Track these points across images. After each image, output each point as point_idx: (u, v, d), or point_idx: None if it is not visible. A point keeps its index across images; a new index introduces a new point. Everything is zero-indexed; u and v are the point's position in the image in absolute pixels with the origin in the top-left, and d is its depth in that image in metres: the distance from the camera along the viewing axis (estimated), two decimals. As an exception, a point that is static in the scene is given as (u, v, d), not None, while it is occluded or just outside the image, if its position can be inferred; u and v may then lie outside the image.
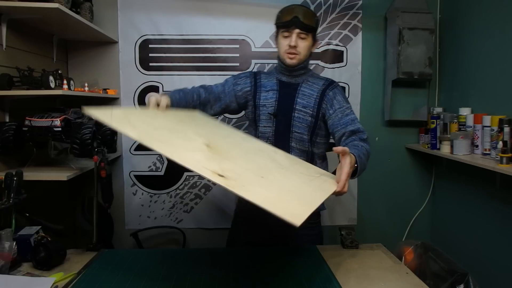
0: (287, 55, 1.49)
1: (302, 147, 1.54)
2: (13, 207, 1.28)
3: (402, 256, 1.71)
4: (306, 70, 1.59)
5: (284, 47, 1.49)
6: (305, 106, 1.52)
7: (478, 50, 2.08)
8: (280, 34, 1.51)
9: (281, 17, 1.50)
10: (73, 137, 1.66)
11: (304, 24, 1.45)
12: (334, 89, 1.56)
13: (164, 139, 0.98)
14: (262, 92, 1.56)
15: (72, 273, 1.20)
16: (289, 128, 1.52)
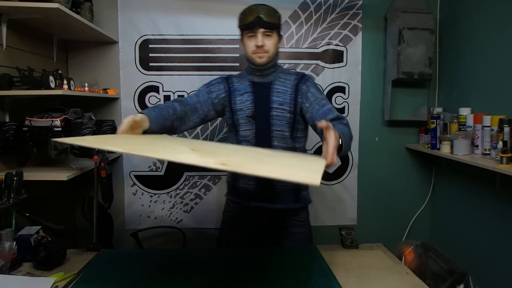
0: (256, 55, 1.49)
1: (284, 145, 1.54)
2: (13, 207, 1.28)
3: (402, 256, 1.71)
4: (276, 67, 1.59)
5: (251, 48, 1.49)
6: (282, 103, 1.52)
7: (478, 50, 2.08)
8: (245, 35, 1.51)
9: (243, 19, 1.50)
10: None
11: (268, 22, 1.46)
12: (307, 82, 1.55)
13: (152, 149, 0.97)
14: (237, 96, 1.55)
15: (72, 273, 1.20)
16: (269, 127, 1.52)
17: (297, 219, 1.62)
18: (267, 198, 1.56)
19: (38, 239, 1.30)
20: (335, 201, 2.53)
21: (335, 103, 2.46)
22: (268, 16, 1.47)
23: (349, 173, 2.52)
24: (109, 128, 2.14)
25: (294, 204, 1.59)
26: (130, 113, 2.40)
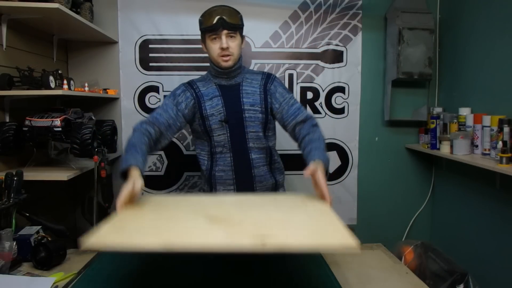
0: (221, 58, 1.46)
1: (259, 145, 1.53)
2: (13, 207, 1.28)
3: (402, 256, 1.72)
4: (241, 68, 1.56)
5: (216, 51, 1.46)
6: (253, 104, 1.51)
7: (478, 50, 2.08)
8: (207, 38, 1.47)
9: (205, 21, 1.46)
10: (73, 137, 1.66)
11: (231, 24, 1.43)
12: (274, 82, 1.55)
13: (175, 230, 0.94)
14: (206, 102, 1.50)
15: (72, 273, 1.20)
16: (243, 129, 1.50)
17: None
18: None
19: (38, 239, 1.30)
20: (335, 201, 2.50)
21: (335, 103, 2.46)
22: (230, 17, 1.43)
23: (349, 173, 2.52)
24: (109, 128, 2.14)
25: None
26: (130, 113, 2.43)
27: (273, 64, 2.41)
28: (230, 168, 1.53)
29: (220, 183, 1.55)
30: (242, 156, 1.52)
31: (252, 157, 1.53)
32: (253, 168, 1.53)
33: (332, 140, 2.49)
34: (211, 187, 1.59)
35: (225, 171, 1.54)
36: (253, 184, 1.54)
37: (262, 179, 1.55)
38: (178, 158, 2.43)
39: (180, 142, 2.43)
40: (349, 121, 2.48)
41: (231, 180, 1.54)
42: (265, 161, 1.56)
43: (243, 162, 1.52)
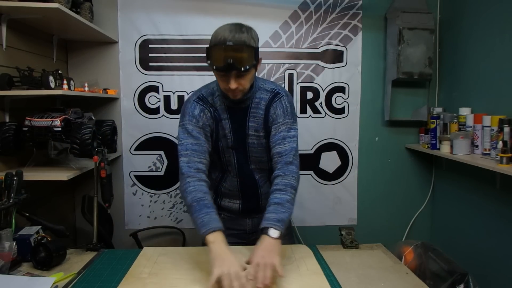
0: (230, 93, 1.31)
1: (262, 167, 1.51)
2: (13, 207, 1.28)
3: (402, 256, 1.71)
4: (254, 89, 1.40)
5: (223, 85, 1.29)
6: (257, 129, 1.43)
7: (478, 50, 2.08)
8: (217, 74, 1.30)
9: (211, 57, 1.25)
10: (73, 137, 1.66)
11: (241, 68, 1.22)
12: (276, 102, 1.40)
13: None
14: (219, 122, 1.39)
15: (72, 273, 1.20)
16: (246, 154, 1.46)
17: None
18: (252, 211, 1.55)
19: (38, 239, 1.30)
20: (335, 201, 2.53)
21: (335, 103, 2.46)
22: (241, 62, 1.21)
23: (349, 173, 2.52)
24: (109, 128, 2.14)
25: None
26: (129, 113, 2.44)
27: (273, 64, 2.41)
28: (236, 189, 1.53)
29: (226, 196, 1.56)
30: (248, 178, 1.51)
31: (256, 177, 1.51)
32: (259, 187, 1.52)
33: (332, 140, 2.49)
34: (217, 197, 1.58)
35: (231, 190, 1.53)
36: (259, 200, 1.53)
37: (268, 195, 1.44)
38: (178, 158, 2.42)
39: (180, 142, 2.42)
40: (349, 121, 2.48)
41: (237, 197, 1.54)
42: (267, 179, 1.52)
43: (249, 184, 1.51)
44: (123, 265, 1.24)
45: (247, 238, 1.60)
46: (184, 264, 1.24)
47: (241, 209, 1.55)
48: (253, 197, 1.53)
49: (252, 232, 1.59)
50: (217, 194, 1.58)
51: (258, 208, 1.53)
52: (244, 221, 1.58)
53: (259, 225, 1.50)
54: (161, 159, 2.43)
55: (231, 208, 1.56)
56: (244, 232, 1.59)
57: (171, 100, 2.39)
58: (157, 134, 2.41)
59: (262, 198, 1.53)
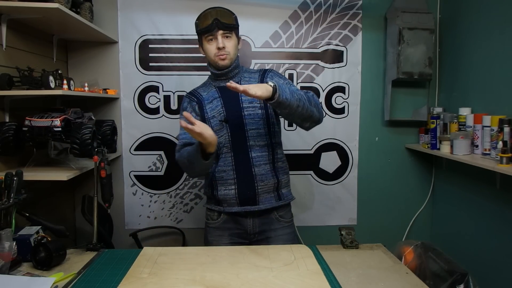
0: (218, 57, 1.51)
1: (260, 142, 1.53)
2: (13, 207, 1.28)
3: (402, 256, 1.71)
4: (239, 68, 1.60)
5: (212, 51, 1.51)
6: (251, 101, 1.51)
7: (478, 50, 2.08)
8: (204, 40, 1.52)
9: (200, 24, 1.50)
10: (73, 137, 1.66)
11: (226, 24, 1.47)
12: (270, 73, 1.58)
13: None
14: (207, 105, 1.55)
15: (72, 273, 1.20)
16: (243, 127, 1.51)
17: (284, 220, 1.63)
18: (249, 201, 1.55)
19: (38, 239, 1.30)
20: (335, 201, 2.53)
21: (335, 103, 2.46)
22: (225, 18, 1.48)
23: (349, 173, 2.52)
24: (109, 128, 2.14)
25: (276, 202, 1.58)
26: (130, 113, 2.44)
27: (273, 64, 2.41)
28: (231, 168, 1.53)
29: (221, 184, 1.55)
30: (243, 155, 1.52)
31: (252, 155, 1.52)
32: (254, 166, 1.53)
33: (332, 140, 2.49)
34: (212, 189, 1.58)
35: (225, 171, 1.54)
36: (254, 183, 1.53)
37: (263, 178, 1.54)
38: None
39: (180, 142, 2.43)
40: (349, 121, 2.48)
41: (232, 179, 1.54)
42: (267, 159, 1.55)
43: (244, 161, 1.52)
44: (123, 265, 1.24)
45: (249, 238, 1.61)
46: (184, 264, 1.24)
47: (238, 197, 1.53)
48: (247, 178, 1.53)
49: (253, 233, 1.60)
50: (212, 185, 1.58)
51: (254, 197, 1.53)
52: (245, 221, 1.58)
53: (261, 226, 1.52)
54: (161, 159, 2.43)
55: (227, 196, 1.55)
56: (246, 232, 1.60)
57: (171, 100, 2.39)
58: (157, 134, 2.41)
59: (257, 180, 1.53)
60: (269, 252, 1.35)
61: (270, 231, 1.60)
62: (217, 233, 1.62)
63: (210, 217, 1.64)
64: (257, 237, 1.61)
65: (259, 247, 1.40)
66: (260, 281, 1.13)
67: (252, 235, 1.60)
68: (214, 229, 1.63)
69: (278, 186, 1.59)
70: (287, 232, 1.63)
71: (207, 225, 1.67)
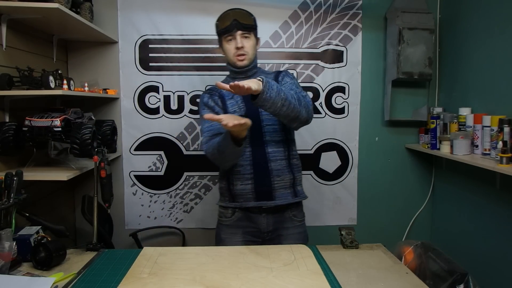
0: (237, 57, 1.55)
1: (277, 138, 1.56)
2: (13, 207, 1.28)
3: (402, 256, 1.71)
4: (257, 68, 1.64)
5: (232, 51, 1.55)
6: None
7: (478, 50, 2.08)
8: (224, 40, 1.56)
9: (220, 24, 1.55)
10: (73, 137, 1.66)
11: (245, 24, 1.52)
12: (282, 73, 1.63)
13: None
14: (227, 101, 1.59)
15: (72, 273, 1.20)
16: (260, 123, 1.55)
17: (297, 219, 1.64)
18: (266, 196, 1.56)
19: (38, 239, 1.30)
20: (335, 201, 2.52)
21: (335, 103, 2.46)
22: (244, 19, 1.53)
23: (349, 173, 2.52)
24: (109, 128, 2.14)
25: (292, 198, 1.60)
26: (130, 113, 2.45)
27: (273, 64, 2.41)
28: (248, 163, 1.55)
29: (238, 178, 1.57)
30: (259, 150, 1.55)
31: (268, 150, 1.55)
32: (270, 161, 1.55)
33: (332, 140, 2.49)
34: (229, 183, 1.60)
35: (243, 166, 1.55)
36: (270, 178, 1.55)
37: (280, 173, 1.56)
38: (178, 158, 2.43)
39: (180, 142, 2.43)
40: (349, 121, 2.48)
41: (249, 174, 1.55)
42: (282, 155, 1.57)
43: (260, 156, 1.55)
44: (123, 265, 1.24)
45: (262, 237, 1.62)
46: (184, 264, 1.24)
47: (255, 192, 1.55)
48: (264, 172, 1.55)
49: (267, 231, 1.61)
50: (229, 180, 1.59)
51: (270, 192, 1.55)
52: (259, 219, 1.60)
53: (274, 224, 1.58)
54: (161, 159, 2.43)
55: (244, 191, 1.56)
56: (259, 230, 1.61)
57: (171, 100, 2.39)
58: (157, 134, 2.41)
59: (273, 175, 1.55)
60: (269, 252, 1.35)
61: (282, 229, 1.62)
62: (230, 231, 1.63)
63: (224, 214, 1.65)
64: (270, 236, 1.62)
65: (259, 247, 1.40)
66: (260, 281, 1.13)
67: (266, 233, 1.61)
68: (227, 226, 1.64)
69: (294, 182, 1.61)
70: (299, 231, 1.64)
71: (219, 222, 1.68)
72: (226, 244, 1.61)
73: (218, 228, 1.68)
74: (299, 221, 1.65)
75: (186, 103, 2.39)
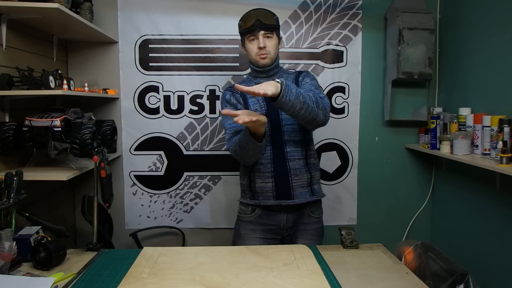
0: (259, 57, 1.57)
1: (295, 138, 1.58)
2: (13, 207, 1.28)
3: (402, 256, 1.71)
4: (279, 68, 1.68)
5: (254, 51, 1.58)
6: None
7: (478, 50, 2.08)
8: (246, 40, 1.60)
9: (243, 25, 1.58)
10: (73, 137, 1.66)
11: (267, 24, 1.55)
12: (303, 73, 1.66)
13: None
14: (249, 99, 1.61)
15: (72, 273, 1.20)
16: (279, 122, 1.57)
17: (314, 215, 1.68)
18: (285, 194, 1.59)
19: (38, 239, 1.30)
20: (335, 201, 2.52)
21: (335, 103, 2.46)
22: (266, 19, 1.55)
23: (349, 173, 2.52)
24: (109, 128, 2.14)
25: (310, 197, 1.63)
26: (130, 113, 2.45)
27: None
28: (269, 161, 1.58)
29: (259, 176, 1.59)
30: (279, 149, 1.57)
31: (287, 150, 1.58)
32: (288, 161, 1.57)
33: (332, 140, 2.49)
34: (250, 181, 1.63)
35: (263, 164, 1.58)
36: (288, 177, 1.58)
37: (298, 172, 1.59)
38: (178, 158, 2.43)
39: (180, 142, 2.43)
40: (349, 121, 2.48)
41: (269, 172, 1.58)
42: (300, 154, 1.60)
43: (280, 155, 1.57)
44: (123, 265, 1.24)
45: (281, 234, 1.65)
46: (184, 264, 1.24)
47: (275, 190, 1.57)
48: (283, 172, 1.58)
49: (286, 228, 1.64)
50: (250, 177, 1.63)
51: (289, 191, 1.58)
52: (279, 216, 1.62)
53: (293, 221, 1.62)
54: (161, 159, 2.43)
55: (264, 189, 1.59)
56: (279, 228, 1.64)
57: (171, 100, 2.39)
58: (157, 134, 2.41)
59: (291, 174, 1.58)
60: (269, 252, 1.35)
61: (300, 224, 1.66)
62: (249, 227, 1.66)
63: (244, 211, 1.69)
64: (289, 232, 1.66)
65: (259, 247, 1.41)
66: (260, 281, 1.13)
67: (285, 230, 1.64)
68: (247, 222, 1.67)
69: (311, 181, 1.64)
70: (315, 228, 1.68)
71: (239, 218, 1.71)
72: (245, 240, 1.65)
73: (237, 224, 1.72)
74: (316, 217, 1.69)
75: (186, 103, 2.39)
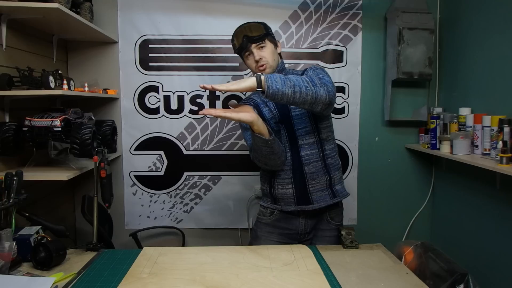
0: (259, 69, 1.56)
1: (309, 140, 1.55)
2: (13, 207, 1.28)
3: (402, 256, 1.72)
4: (285, 71, 1.64)
5: (253, 65, 1.57)
6: None
7: (478, 50, 2.08)
8: (244, 57, 1.60)
9: (235, 45, 1.59)
10: (73, 137, 1.66)
11: (255, 37, 1.54)
12: (307, 68, 1.60)
13: None
14: (263, 108, 1.60)
15: (72, 273, 1.20)
16: (293, 127, 1.55)
17: (334, 222, 1.65)
18: (304, 200, 1.57)
19: (38, 239, 1.30)
20: (335, 201, 2.52)
21: (335, 103, 2.45)
22: (252, 32, 1.54)
23: (349, 173, 2.52)
24: (109, 128, 2.14)
25: (331, 199, 1.59)
26: (130, 113, 2.45)
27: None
28: (289, 167, 1.56)
29: (279, 182, 1.58)
30: (296, 154, 1.56)
31: (302, 154, 1.55)
32: (304, 165, 1.55)
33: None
34: (270, 187, 1.62)
35: (283, 170, 1.57)
36: (305, 182, 1.56)
37: (314, 176, 1.56)
38: (178, 158, 2.43)
39: (180, 142, 2.43)
40: (349, 121, 2.48)
41: (289, 179, 1.57)
42: (317, 156, 1.56)
43: (297, 161, 1.56)
44: (123, 265, 1.24)
45: (298, 239, 1.64)
46: (184, 264, 1.24)
47: (295, 195, 1.56)
48: (301, 177, 1.56)
49: (304, 233, 1.63)
50: (271, 183, 1.61)
51: (307, 196, 1.56)
52: (298, 221, 1.61)
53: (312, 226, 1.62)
54: (161, 159, 2.43)
55: (285, 195, 1.58)
56: (296, 233, 1.63)
57: (171, 100, 2.39)
58: (157, 134, 2.41)
59: (307, 178, 1.55)
60: (269, 252, 1.35)
61: (318, 230, 1.64)
62: (267, 229, 1.65)
63: (263, 213, 1.68)
64: (306, 237, 1.64)
65: (259, 247, 1.41)
66: (260, 281, 1.13)
67: (302, 235, 1.63)
68: (265, 224, 1.66)
69: (331, 183, 1.60)
70: (333, 235, 1.63)
71: (258, 220, 1.71)
72: (261, 241, 1.64)
73: (256, 225, 1.72)
74: (335, 224, 1.65)
75: (186, 103, 2.39)
